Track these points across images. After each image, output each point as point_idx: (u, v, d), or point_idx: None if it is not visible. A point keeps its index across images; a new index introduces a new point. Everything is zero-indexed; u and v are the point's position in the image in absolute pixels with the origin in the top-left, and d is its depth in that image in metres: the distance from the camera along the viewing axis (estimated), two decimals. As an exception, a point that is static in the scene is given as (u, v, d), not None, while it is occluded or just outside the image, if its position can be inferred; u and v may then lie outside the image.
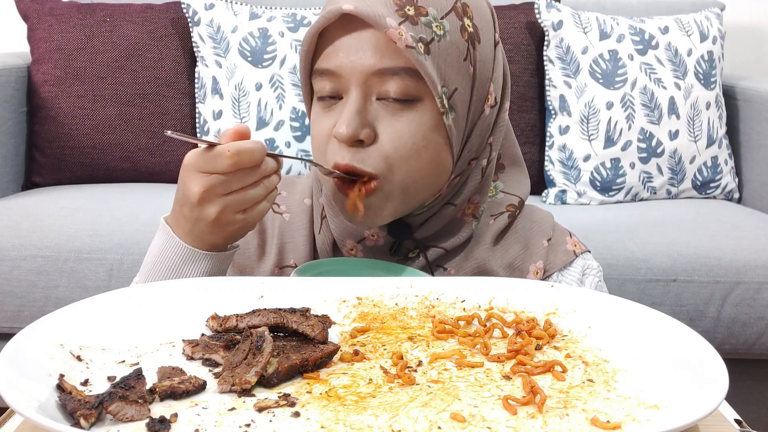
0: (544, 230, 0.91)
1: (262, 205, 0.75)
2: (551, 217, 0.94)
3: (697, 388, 0.54)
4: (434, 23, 0.76)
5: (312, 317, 0.62)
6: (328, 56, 0.78)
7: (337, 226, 0.87)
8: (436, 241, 0.86)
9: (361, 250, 0.87)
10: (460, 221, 0.86)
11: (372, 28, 0.76)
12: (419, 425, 0.50)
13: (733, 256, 1.63)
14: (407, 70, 0.76)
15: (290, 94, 1.96)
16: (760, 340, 1.64)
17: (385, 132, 0.77)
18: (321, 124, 0.81)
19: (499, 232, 0.88)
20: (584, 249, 0.92)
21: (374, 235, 0.85)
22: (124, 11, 2.03)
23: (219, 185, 0.72)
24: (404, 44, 0.74)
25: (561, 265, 0.89)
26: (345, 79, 0.77)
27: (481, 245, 0.87)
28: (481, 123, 0.83)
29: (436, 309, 0.71)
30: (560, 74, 2.01)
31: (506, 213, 0.89)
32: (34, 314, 1.48)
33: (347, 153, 0.77)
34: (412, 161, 0.78)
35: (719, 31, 2.10)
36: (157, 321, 0.65)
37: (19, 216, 1.68)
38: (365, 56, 0.76)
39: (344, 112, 0.77)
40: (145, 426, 0.49)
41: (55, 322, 0.60)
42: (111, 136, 2.00)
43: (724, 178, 2.06)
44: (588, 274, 0.90)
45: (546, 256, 0.89)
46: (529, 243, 0.89)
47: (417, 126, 0.78)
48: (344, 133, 0.76)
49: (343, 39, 0.77)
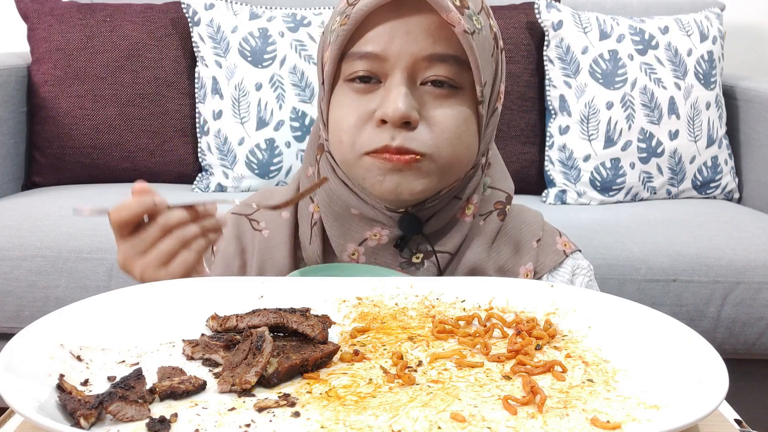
0: (534, 231, 0.90)
1: (181, 256, 0.76)
2: (541, 216, 0.94)
3: (697, 388, 0.54)
4: (474, 17, 0.79)
5: (312, 317, 0.62)
6: (372, 39, 0.78)
7: (338, 230, 0.86)
8: (438, 241, 0.86)
9: (363, 254, 0.86)
10: (460, 221, 0.86)
11: (423, 14, 0.76)
12: (419, 425, 0.50)
13: (733, 256, 1.63)
14: (455, 58, 0.78)
15: (290, 94, 1.96)
16: (760, 340, 1.64)
17: (431, 115, 0.79)
18: (353, 108, 0.80)
19: (492, 234, 0.88)
20: (574, 248, 0.92)
21: (376, 234, 0.85)
22: (124, 11, 2.03)
23: (129, 248, 0.75)
24: (462, 29, 0.76)
25: (551, 266, 0.89)
26: (390, 63, 0.78)
27: (473, 248, 0.87)
28: (493, 119, 0.85)
29: (436, 309, 0.71)
30: (560, 74, 2.01)
31: (495, 212, 0.89)
32: (34, 314, 1.48)
33: (396, 134, 0.77)
34: (455, 146, 0.80)
35: (719, 31, 2.09)
36: (157, 321, 0.65)
37: (19, 216, 1.68)
38: (417, 40, 0.77)
39: (393, 94, 0.77)
40: (145, 426, 0.49)
41: (55, 322, 0.60)
42: (111, 136, 2.00)
43: (724, 178, 2.06)
44: (578, 274, 0.90)
45: (536, 257, 0.89)
46: (519, 245, 0.89)
47: (460, 112, 0.80)
48: (399, 111, 0.76)
49: (392, 22, 0.77)
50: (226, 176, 1.97)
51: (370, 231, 0.85)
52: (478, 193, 0.87)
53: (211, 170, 1.99)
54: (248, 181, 1.96)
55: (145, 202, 0.75)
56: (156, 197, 0.75)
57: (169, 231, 0.75)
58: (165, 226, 0.75)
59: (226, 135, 1.96)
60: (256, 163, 1.95)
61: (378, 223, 0.84)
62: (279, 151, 1.95)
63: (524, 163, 2.06)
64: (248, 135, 1.95)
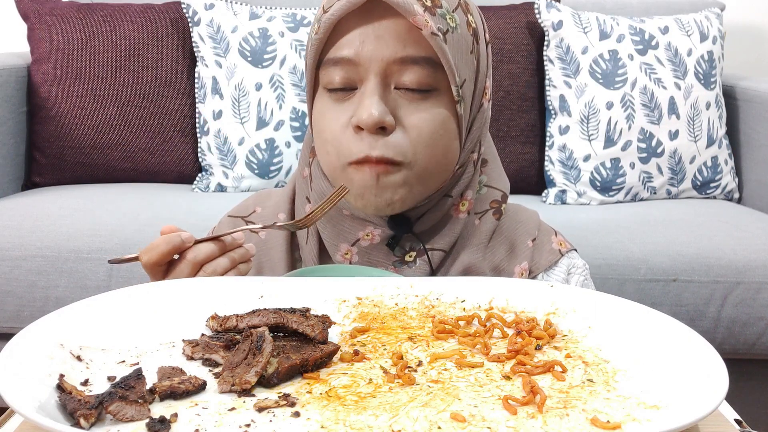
0: (529, 230, 0.90)
1: None
2: (537, 215, 0.94)
3: (697, 388, 0.54)
4: (447, 15, 0.78)
5: (312, 317, 0.62)
6: (344, 45, 0.78)
7: (331, 231, 0.86)
8: (431, 240, 0.86)
9: (356, 253, 0.86)
10: (454, 219, 0.86)
11: (393, 18, 0.76)
12: (419, 425, 0.50)
13: (733, 256, 1.63)
14: (427, 60, 0.77)
15: (290, 94, 1.96)
16: (760, 340, 1.64)
17: (406, 120, 0.78)
18: (333, 116, 0.80)
19: (487, 233, 0.88)
20: (570, 247, 0.92)
21: (369, 234, 0.85)
22: (124, 11, 2.03)
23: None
24: (429, 31, 0.75)
25: (546, 265, 0.89)
26: (363, 68, 0.77)
27: (468, 248, 0.86)
28: (479, 116, 0.84)
29: (436, 309, 0.71)
30: (560, 74, 2.01)
31: (490, 210, 0.89)
32: (34, 314, 1.48)
33: (374, 142, 0.77)
34: (432, 149, 0.79)
35: (719, 31, 2.09)
36: (157, 321, 0.65)
37: (19, 216, 1.68)
38: (387, 44, 0.77)
39: (366, 100, 0.77)
40: (145, 426, 0.49)
41: (55, 322, 0.60)
42: (111, 136, 2.00)
43: (724, 178, 2.06)
44: (573, 273, 0.90)
45: (531, 256, 0.89)
46: (514, 244, 0.89)
47: (435, 114, 0.79)
48: (373, 118, 0.75)
49: (363, 28, 0.77)
50: (226, 176, 1.97)
51: (363, 231, 0.85)
52: (473, 190, 0.87)
53: (211, 170, 1.99)
54: (248, 181, 1.96)
55: (172, 240, 0.74)
56: (183, 234, 0.75)
57: (199, 266, 0.75)
58: (195, 262, 0.74)
59: (226, 135, 1.96)
60: (256, 163, 1.95)
61: (370, 223, 0.84)
62: (279, 151, 1.95)
63: (524, 163, 2.06)
64: (248, 135, 1.95)
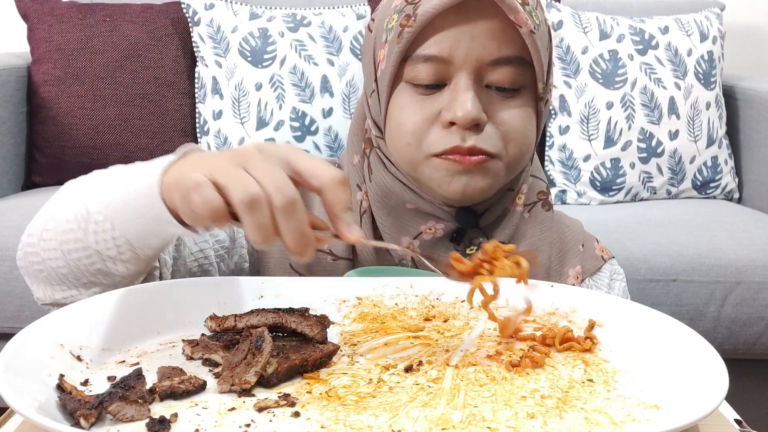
0: (577, 235, 0.92)
1: None
2: (581, 223, 0.95)
3: (697, 388, 0.54)
4: (533, 13, 0.78)
5: (311, 317, 0.62)
6: (437, 42, 0.77)
7: (391, 224, 0.85)
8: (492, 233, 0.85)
9: (418, 247, 0.85)
10: (512, 211, 0.86)
11: (487, 16, 0.76)
12: (419, 425, 0.50)
13: (733, 256, 1.63)
14: (519, 59, 0.78)
15: (290, 94, 1.96)
16: (760, 340, 1.64)
17: (497, 117, 0.78)
18: (415, 110, 0.79)
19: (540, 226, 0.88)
20: (610, 255, 0.93)
21: (431, 228, 0.84)
22: (124, 11, 2.03)
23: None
24: (528, 29, 0.75)
25: (592, 271, 0.90)
26: (455, 67, 0.77)
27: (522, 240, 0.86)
28: (545, 111, 0.85)
29: (436, 309, 0.71)
30: (560, 74, 2.00)
31: (539, 202, 0.89)
32: (34, 314, 1.47)
33: (466, 135, 0.77)
34: (520, 145, 0.80)
35: (719, 31, 2.09)
36: (157, 321, 0.65)
37: (19, 216, 1.68)
38: (482, 44, 0.76)
39: (461, 96, 0.76)
40: (145, 426, 0.49)
41: (55, 322, 0.60)
42: (111, 136, 2.00)
43: (724, 178, 2.06)
44: (615, 279, 0.91)
45: (582, 260, 0.90)
46: (565, 247, 0.90)
47: (523, 111, 0.80)
48: (470, 114, 0.75)
49: (458, 26, 0.77)
50: (226, 176, 1.96)
51: (425, 225, 0.84)
52: (527, 182, 0.88)
53: (211, 170, 1.99)
54: (248, 181, 1.96)
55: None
56: None
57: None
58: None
59: (226, 135, 1.96)
60: (256, 163, 1.95)
61: (433, 216, 0.84)
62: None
63: (524, 163, 2.06)
64: (248, 135, 1.95)
